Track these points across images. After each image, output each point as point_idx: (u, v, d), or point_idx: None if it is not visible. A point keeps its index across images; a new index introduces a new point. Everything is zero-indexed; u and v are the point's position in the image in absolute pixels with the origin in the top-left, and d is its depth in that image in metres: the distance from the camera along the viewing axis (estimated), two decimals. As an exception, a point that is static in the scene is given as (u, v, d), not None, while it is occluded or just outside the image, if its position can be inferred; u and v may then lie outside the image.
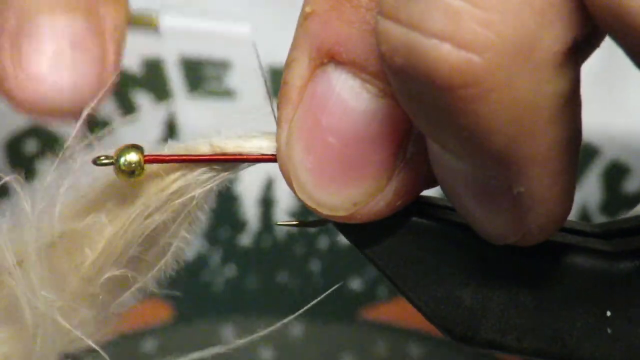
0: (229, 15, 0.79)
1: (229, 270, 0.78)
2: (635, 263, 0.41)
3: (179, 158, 0.42)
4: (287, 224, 0.49)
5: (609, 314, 0.41)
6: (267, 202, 0.78)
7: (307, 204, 0.40)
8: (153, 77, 0.78)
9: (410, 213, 0.41)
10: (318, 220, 0.42)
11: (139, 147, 0.42)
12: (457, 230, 0.41)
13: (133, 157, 0.42)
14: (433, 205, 0.42)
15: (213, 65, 0.79)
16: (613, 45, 0.36)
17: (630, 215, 0.43)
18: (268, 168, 0.43)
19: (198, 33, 0.80)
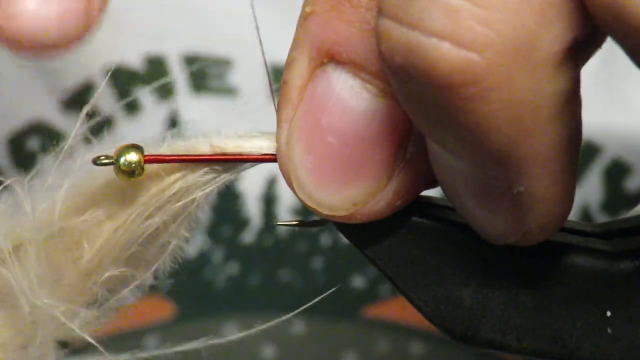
0: (231, 14, 0.79)
1: (231, 268, 0.77)
2: (636, 263, 0.41)
3: (179, 158, 0.42)
4: (286, 224, 0.49)
5: (609, 314, 0.41)
6: (269, 199, 0.78)
7: (307, 204, 0.40)
8: (155, 74, 0.78)
9: (410, 213, 0.41)
10: (318, 220, 0.42)
11: (139, 147, 0.42)
12: (457, 230, 0.41)
13: (133, 157, 0.42)
14: (433, 205, 0.42)
15: (215, 63, 0.78)
16: (614, 43, 0.35)
17: (631, 215, 0.43)
18: (270, 166, 0.43)
19: (200, 31, 0.80)
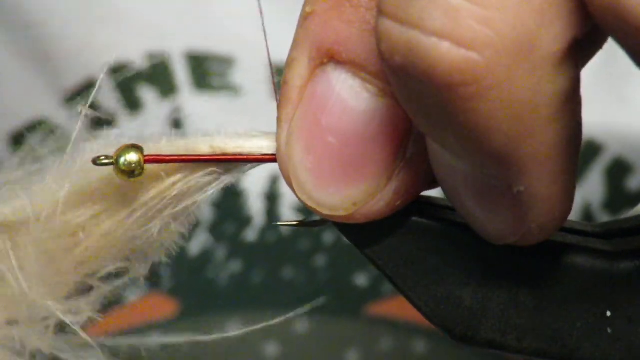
0: (233, 12, 0.79)
1: (234, 266, 0.77)
2: (636, 263, 0.41)
3: (179, 158, 0.42)
4: (286, 224, 0.49)
5: (609, 314, 0.41)
6: (272, 197, 0.78)
7: (306, 204, 0.40)
8: (158, 72, 0.78)
9: (410, 213, 0.41)
10: (318, 221, 0.42)
11: (139, 147, 0.42)
12: (457, 230, 0.41)
13: (133, 157, 0.42)
14: (433, 205, 0.42)
15: (218, 61, 0.78)
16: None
17: (631, 215, 0.43)
18: (273, 164, 0.43)
19: (203, 29, 0.80)
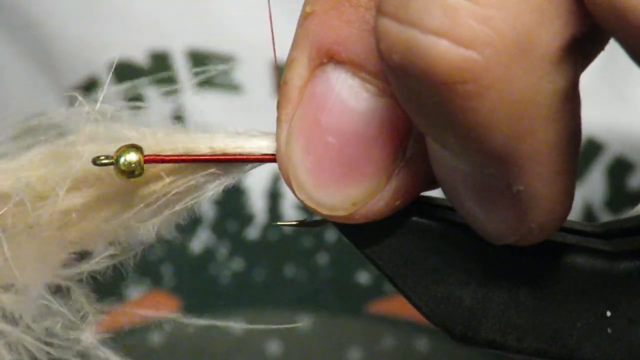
0: (236, 11, 0.79)
1: (236, 264, 0.78)
2: (636, 263, 0.41)
3: (179, 158, 0.42)
4: (286, 224, 0.49)
5: (609, 314, 0.41)
6: (274, 195, 0.78)
7: (306, 204, 0.40)
8: (160, 70, 0.78)
9: (410, 213, 0.41)
10: (318, 221, 0.42)
11: (139, 147, 0.42)
12: (457, 230, 0.41)
13: (133, 157, 0.42)
14: (433, 205, 0.42)
15: (219, 60, 0.78)
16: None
17: (631, 215, 0.43)
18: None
19: (205, 27, 0.80)
